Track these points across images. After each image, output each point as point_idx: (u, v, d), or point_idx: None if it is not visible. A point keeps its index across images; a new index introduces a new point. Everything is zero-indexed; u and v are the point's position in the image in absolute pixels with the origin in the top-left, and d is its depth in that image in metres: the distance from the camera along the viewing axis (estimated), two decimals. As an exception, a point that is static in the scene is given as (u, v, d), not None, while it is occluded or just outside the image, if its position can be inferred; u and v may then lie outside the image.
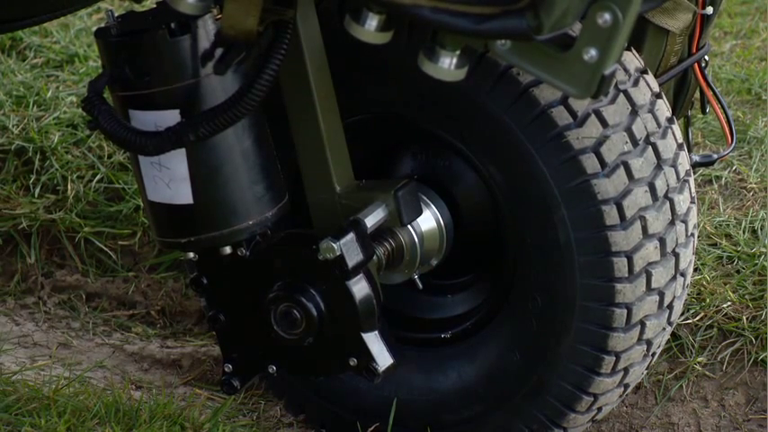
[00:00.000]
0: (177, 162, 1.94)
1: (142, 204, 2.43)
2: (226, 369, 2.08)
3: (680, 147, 2.01)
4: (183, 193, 1.97)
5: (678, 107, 2.32)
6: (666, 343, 2.34)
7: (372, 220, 1.99)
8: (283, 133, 2.03)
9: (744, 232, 2.66)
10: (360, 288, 1.98)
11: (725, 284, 2.55)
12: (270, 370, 2.06)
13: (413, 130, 2.08)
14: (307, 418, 2.38)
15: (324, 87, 1.99)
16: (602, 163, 1.89)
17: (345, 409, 2.27)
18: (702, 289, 2.56)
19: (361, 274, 1.98)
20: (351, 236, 1.95)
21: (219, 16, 1.87)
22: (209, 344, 2.60)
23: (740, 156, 2.89)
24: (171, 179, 1.96)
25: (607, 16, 1.54)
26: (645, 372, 2.17)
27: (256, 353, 2.07)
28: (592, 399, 2.07)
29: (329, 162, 2.00)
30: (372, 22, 1.75)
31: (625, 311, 1.97)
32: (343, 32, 1.80)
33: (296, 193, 2.07)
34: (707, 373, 2.50)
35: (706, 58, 2.28)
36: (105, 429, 2.27)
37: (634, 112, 1.94)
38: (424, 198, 2.09)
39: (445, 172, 2.11)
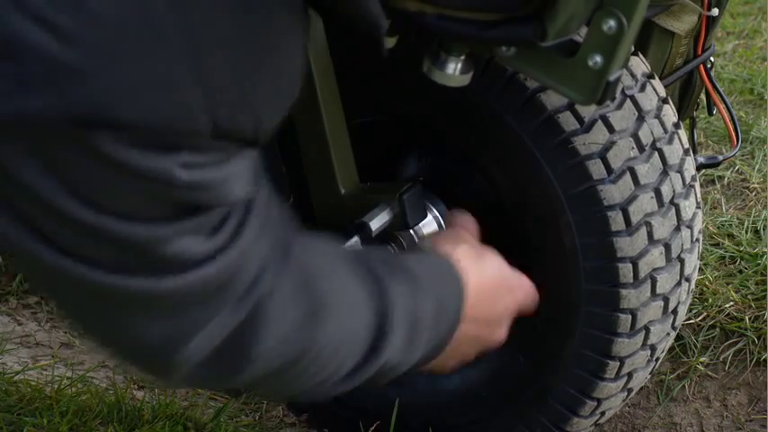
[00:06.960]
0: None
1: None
2: (229, 372, 2.07)
3: (686, 152, 2.00)
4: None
5: (683, 109, 2.32)
6: (668, 343, 2.35)
7: (377, 223, 1.98)
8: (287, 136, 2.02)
9: (746, 232, 2.66)
10: (363, 291, 1.97)
11: (727, 284, 2.55)
12: (274, 373, 2.05)
13: (418, 133, 2.08)
14: (309, 419, 2.37)
15: (328, 89, 1.98)
16: (609, 169, 1.88)
17: (348, 410, 2.27)
18: (705, 289, 2.56)
19: (365, 277, 1.97)
20: (355, 239, 1.94)
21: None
22: (212, 343, 2.59)
23: (743, 156, 2.89)
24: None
25: (612, 23, 1.53)
26: (648, 376, 2.17)
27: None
28: (595, 403, 2.06)
29: (334, 164, 1.99)
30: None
31: (630, 317, 1.96)
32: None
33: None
34: (709, 373, 2.50)
35: (711, 59, 2.27)
36: (108, 429, 2.27)
37: (641, 118, 1.92)
38: (427, 201, 2.08)
39: (450, 175, 2.11)
